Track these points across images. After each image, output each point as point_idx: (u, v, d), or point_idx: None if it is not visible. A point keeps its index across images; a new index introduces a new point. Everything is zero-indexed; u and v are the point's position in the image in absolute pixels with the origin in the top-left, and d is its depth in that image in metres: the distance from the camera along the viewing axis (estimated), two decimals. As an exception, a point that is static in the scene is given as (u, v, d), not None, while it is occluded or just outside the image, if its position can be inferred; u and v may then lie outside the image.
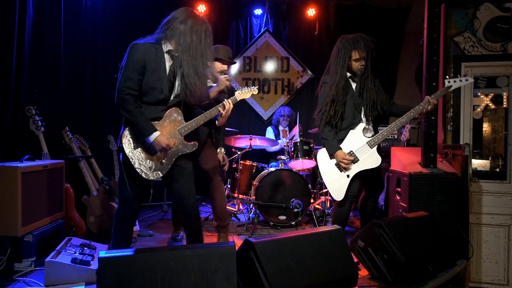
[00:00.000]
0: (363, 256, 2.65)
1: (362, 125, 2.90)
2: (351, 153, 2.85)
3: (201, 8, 5.63)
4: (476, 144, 3.50)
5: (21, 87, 3.35)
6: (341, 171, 2.86)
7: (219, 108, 2.47)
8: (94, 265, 2.50)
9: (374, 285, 2.50)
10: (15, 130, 3.32)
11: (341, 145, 2.88)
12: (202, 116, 2.45)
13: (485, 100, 3.49)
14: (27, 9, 3.40)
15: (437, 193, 2.88)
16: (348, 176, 2.85)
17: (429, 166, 3.00)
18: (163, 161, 2.34)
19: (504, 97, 3.44)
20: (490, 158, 3.50)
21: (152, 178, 2.31)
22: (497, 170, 3.43)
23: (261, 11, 5.85)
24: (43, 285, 2.40)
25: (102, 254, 1.72)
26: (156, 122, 2.31)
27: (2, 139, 3.19)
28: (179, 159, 2.40)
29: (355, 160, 2.84)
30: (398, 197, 3.19)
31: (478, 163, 3.48)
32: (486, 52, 3.47)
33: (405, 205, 3.00)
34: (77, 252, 2.59)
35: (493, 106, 3.49)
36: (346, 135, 2.90)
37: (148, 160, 2.31)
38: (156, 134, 2.23)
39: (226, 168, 3.64)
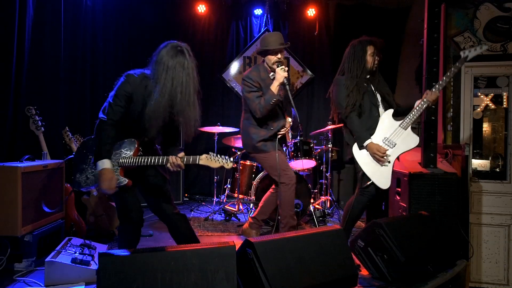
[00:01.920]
0: (363, 256, 2.66)
1: (391, 111, 2.91)
2: (385, 140, 2.83)
3: (201, 8, 5.63)
4: (476, 144, 3.50)
5: (21, 87, 3.35)
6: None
7: (168, 163, 2.19)
8: (94, 265, 2.50)
9: (374, 285, 2.50)
10: (15, 130, 3.32)
11: (372, 136, 2.85)
12: (146, 159, 2.23)
13: (485, 100, 3.48)
14: (27, 9, 3.41)
15: (437, 193, 2.88)
16: (389, 162, 2.80)
17: (429, 166, 3.00)
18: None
19: (504, 97, 3.44)
20: (490, 158, 3.49)
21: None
22: (497, 170, 3.42)
23: (261, 11, 5.85)
24: (43, 285, 2.40)
25: (102, 254, 1.72)
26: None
27: (2, 139, 3.19)
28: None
29: (392, 145, 2.81)
30: (398, 197, 3.19)
31: (478, 163, 3.48)
32: (486, 52, 3.47)
33: (405, 205, 3.00)
34: (77, 252, 2.59)
35: (493, 106, 3.48)
36: (375, 123, 2.90)
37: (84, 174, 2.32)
38: (103, 165, 2.15)
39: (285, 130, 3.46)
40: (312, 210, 4.15)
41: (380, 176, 2.80)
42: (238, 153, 4.40)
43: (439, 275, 2.47)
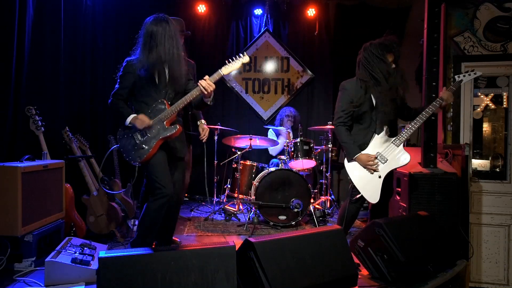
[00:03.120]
0: (363, 256, 2.66)
1: (385, 128, 2.84)
2: (378, 154, 2.79)
3: (201, 8, 5.63)
4: (476, 144, 3.50)
5: (21, 87, 3.35)
6: (371, 173, 2.79)
7: (199, 89, 2.54)
8: (94, 265, 2.50)
9: (374, 285, 2.50)
10: (15, 130, 3.32)
11: (367, 149, 2.81)
12: (182, 100, 2.59)
13: (485, 100, 3.49)
14: (27, 9, 3.40)
15: (437, 193, 2.88)
16: (380, 177, 2.76)
17: (429, 166, 3.00)
18: (144, 146, 2.55)
19: (504, 97, 3.44)
20: (490, 158, 3.50)
21: (134, 163, 2.57)
22: (497, 170, 3.43)
23: (261, 11, 5.85)
24: (43, 285, 2.40)
25: (102, 254, 1.72)
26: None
27: (2, 139, 3.19)
28: (164, 146, 2.61)
29: (384, 161, 2.78)
30: (398, 197, 3.19)
31: (478, 163, 3.48)
32: (486, 52, 3.47)
33: (405, 205, 3.00)
34: (77, 252, 2.59)
35: (493, 106, 3.49)
36: (369, 138, 2.84)
37: (131, 146, 2.58)
38: (131, 116, 2.55)
39: (204, 139, 3.32)
40: (312, 210, 4.15)
41: (369, 190, 2.77)
42: (238, 153, 4.40)
43: (439, 275, 2.47)
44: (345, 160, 2.86)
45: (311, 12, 5.70)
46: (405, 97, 2.92)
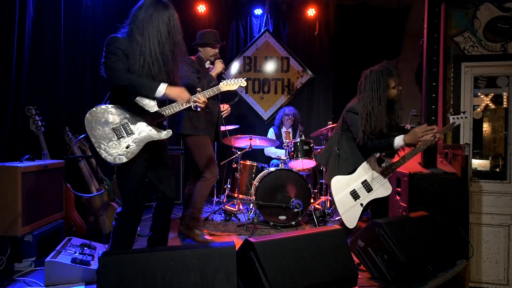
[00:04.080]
0: (363, 256, 2.66)
1: (374, 156, 2.87)
2: (365, 182, 2.82)
3: (201, 8, 5.63)
4: (476, 144, 3.50)
5: (21, 87, 3.35)
6: (355, 199, 2.81)
7: (192, 101, 2.36)
8: (94, 265, 2.50)
9: (374, 285, 2.50)
10: (15, 130, 3.32)
11: (353, 174, 2.84)
12: (176, 104, 2.34)
13: (485, 100, 3.49)
14: (27, 9, 3.40)
15: (437, 193, 2.88)
16: (361, 204, 2.80)
17: (429, 166, 3.00)
18: (130, 145, 2.26)
19: (504, 97, 3.44)
20: (490, 158, 3.50)
21: (114, 162, 2.24)
22: (497, 170, 3.43)
23: (261, 11, 5.85)
24: (43, 285, 2.40)
25: (102, 254, 1.72)
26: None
27: (2, 139, 3.19)
28: (152, 148, 2.34)
29: (368, 189, 2.82)
30: (398, 197, 3.19)
31: (478, 163, 3.48)
32: (486, 52, 3.47)
33: (405, 205, 3.00)
34: (77, 252, 2.59)
35: (493, 106, 3.49)
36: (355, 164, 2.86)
37: (112, 143, 2.24)
38: (164, 86, 2.22)
39: (226, 112, 3.68)
40: (312, 210, 4.15)
41: (351, 216, 2.79)
42: (238, 153, 4.40)
43: (439, 275, 2.47)
44: (334, 181, 2.86)
45: (311, 12, 5.70)
46: (399, 121, 2.92)
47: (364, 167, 2.86)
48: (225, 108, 3.63)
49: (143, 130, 2.31)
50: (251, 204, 4.26)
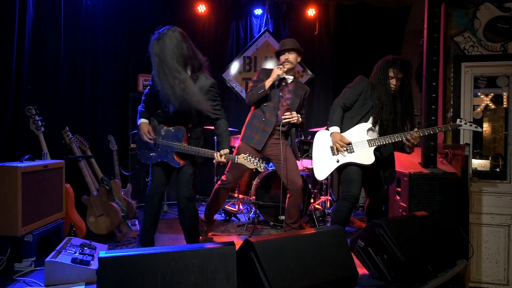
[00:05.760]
0: (363, 256, 2.65)
1: (368, 125, 2.93)
2: (349, 144, 2.90)
3: (201, 8, 5.63)
4: (476, 144, 3.50)
5: (21, 87, 3.35)
6: (333, 155, 2.94)
7: (214, 154, 2.70)
8: (94, 265, 2.50)
9: (374, 285, 2.50)
10: (15, 130, 3.32)
11: (343, 133, 2.94)
12: (191, 148, 2.75)
13: (485, 100, 3.49)
14: (27, 9, 3.40)
15: (437, 193, 2.88)
16: (338, 161, 2.92)
17: (429, 166, 3.00)
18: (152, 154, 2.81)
19: (504, 97, 3.44)
20: (490, 158, 3.50)
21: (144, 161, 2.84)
22: (497, 170, 3.43)
23: (261, 11, 5.85)
24: (43, 285, 2.40)
25: (102, 254, 1.72)
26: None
27: (2, 139, 3.19)
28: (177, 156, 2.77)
29: (350, 151, 2.89)
30: (398, 197, 3.19)
31: (478, 163, 3.48)
32: (486, 52, 3.47)
33: (405, 205, 3.00)
34: (77, 252, 2.59)
35: (493, 106, 3.49)
36: (352, 126, 2.96)
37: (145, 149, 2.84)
38: (141, 120, 2.79)
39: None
40: (312, 210, 4.15)
41: (323, 166, 2.97)
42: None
43: (439, 275, 2.47)
44: (320, 132, 3.07)
45: (311, 12, 5.70)
46: (405, 123, 2.95)
47: (358, 127, 2.94)
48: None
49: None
50: (251, 204, 4.26)
